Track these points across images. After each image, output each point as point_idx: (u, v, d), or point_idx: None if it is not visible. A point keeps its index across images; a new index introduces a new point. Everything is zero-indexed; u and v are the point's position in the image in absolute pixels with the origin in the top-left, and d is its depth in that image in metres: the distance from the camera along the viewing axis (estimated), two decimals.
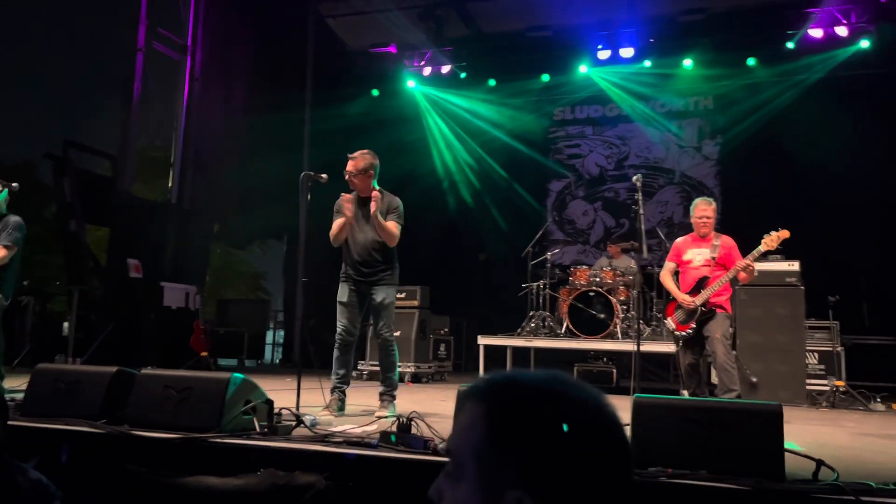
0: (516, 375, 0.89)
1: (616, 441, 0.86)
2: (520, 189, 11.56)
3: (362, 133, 11.80)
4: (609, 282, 8.25)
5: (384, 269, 4.95)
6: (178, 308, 10.04)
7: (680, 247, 5.61)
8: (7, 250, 5.45)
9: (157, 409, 3.55)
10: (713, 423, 2.85)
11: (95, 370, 3.93)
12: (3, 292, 5.46)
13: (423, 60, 11.94)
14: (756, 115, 10.43)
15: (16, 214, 5.65)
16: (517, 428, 0.83)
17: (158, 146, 12.22)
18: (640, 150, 11.35)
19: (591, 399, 0.87)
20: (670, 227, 10.76)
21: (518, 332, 8.50)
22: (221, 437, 3.36)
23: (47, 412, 3.72)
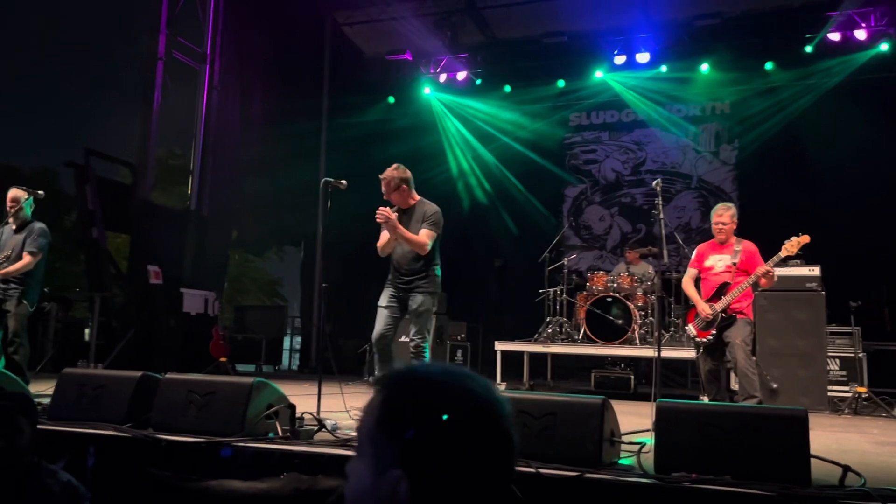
0: (416, 367, 0.98)
1: (495, 434, 0.94)
2: (536, 195, 11.55)
3: (379, 140, 11.88)
4: (627, 287, 8.22)
5: (421, 277, 4.99)
6: (197, 314, 10.12)
7: (702, 253, 5.59)
8: (32, 257, 5.54)
9: (181, 414, 3.59)
10: (737, 429, 2.84)
11: (120, 375, 3.97)
12: (28, 299, 5.55)
13: (438, 67, 11.98)
14: (774, 119, 10.36)
15: (40, 222, 5.74)
16: (401, 413, 0.92)
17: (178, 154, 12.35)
18: (657, 155, 11.31)
19: (478, 393, 0.95)
20: (688, 232, 10.71)
21: (535, 338, 8.48)
22: (245, 440, 3.39)
23: (73, 416, 3.77)
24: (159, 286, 9.69)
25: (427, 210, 5.05)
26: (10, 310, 5.46)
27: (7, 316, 5.47)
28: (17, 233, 5.66)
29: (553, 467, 2.89)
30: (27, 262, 5.52)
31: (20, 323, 5.47)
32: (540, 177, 11.57)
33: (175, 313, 9.78)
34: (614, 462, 3.16)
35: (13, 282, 5.53)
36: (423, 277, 4.98)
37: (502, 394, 0.97)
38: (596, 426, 3.01)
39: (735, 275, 5.30)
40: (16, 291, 5.50)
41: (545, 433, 3.05)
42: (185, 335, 9.76)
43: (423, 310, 4.93)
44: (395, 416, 0.93)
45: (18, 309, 5.47)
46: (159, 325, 9.54)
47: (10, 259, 5.47)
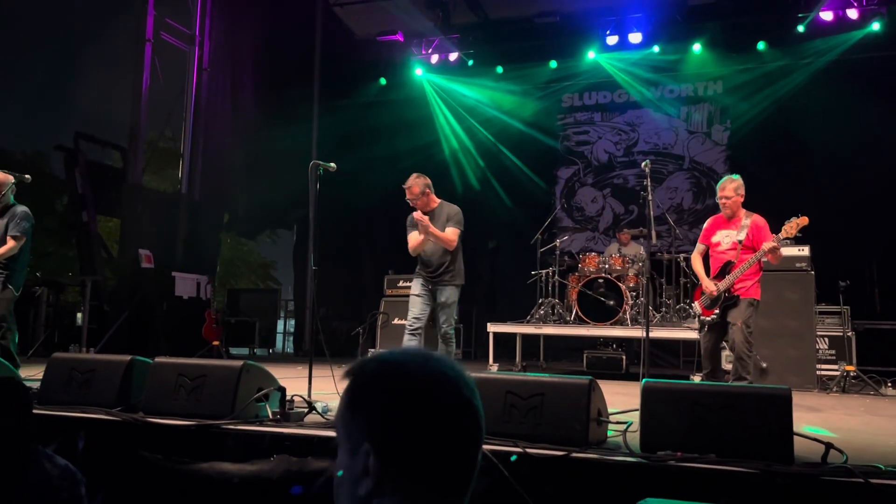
0: (381, 354, 1.05)
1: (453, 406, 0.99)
2: (528, 176, 11.53)
3: (370, 121, 11.84)
4: (618, 268, 8.24)
5: (448, 271, 5.61)
6: (189, 298, 10.11)
7: (709, 227, 5.49)
8: (16, 241, 5.50)
9: (172, 397, 3.61)
10: (722, 408, 2.87)
11: (110, 359, 3.98)
12: (13, 284, 5.52)
13: (430, 48, 11.90)
14: (766, 99, 10.34)
15: (23, 205, 5.70)
16: (365, 394, 1.00)
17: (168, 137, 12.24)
18: (650, 136, 11.30)
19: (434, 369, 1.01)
20: (680, 213, 10.73)
21: (527, 320, 8.52)
22: (235, 423, 3.41)
23: (63, 400, 3.78)
24: (151, 270, 9.67)
25: (451, 211, 5.72)
26: None
27: None
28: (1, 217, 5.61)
29: (540, 447, 2.92)
30: (11, 247, 5.48)
31: (5, 307, 5.44)
32: (532, 158, 11.55)
33: (167, 297, 9.78)
34: (601, 441, 3.19)
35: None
36: (450, 271, 5.64)
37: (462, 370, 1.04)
38: (583, 406, 3.04)
39: (741, 252, 5.19)
40: (0, 276, 5.48)
41: (533, 413, 3.07)
42: (178, 319, 9.76)
43: (451, 301, 5.61)
44: (357, 396, 1.01)
45: (3, 294, 5.44)
46: (151, 309, 9.54)
47: None
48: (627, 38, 10.70)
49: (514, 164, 11.57)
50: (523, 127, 11.65)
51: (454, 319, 5.69)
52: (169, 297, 9.79)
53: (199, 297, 10.15)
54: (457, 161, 12.00)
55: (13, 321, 5.56)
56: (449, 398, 1.00)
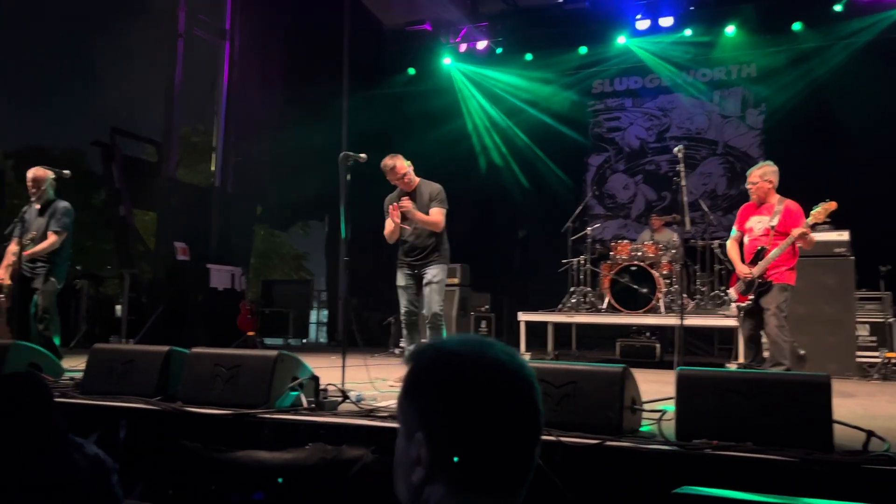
0: (438, 341, 1.05)
1: (511, 398, 0.97)
2: (559, 164, 11.44)
3: (399, 111, 11.83)
4: (651, 256, 8.15)
5: (433, 251, 5.33)
6: (224, 289, 10.26)
7: (743, 214, 5.50)
8: (57, 236, 5.64)
9: (209, 387, 3.66)
10: (758, 395, 2.83)
11: (149, 350, 4.06)
12: (56, 276, 5.67)
13: (458, 37, 11.85)
14: (802, 81, 10.09)
15: (64, 200, 5.83)
16: (419, 381, 1.00)
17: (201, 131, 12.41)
18: (682, 121, 11.13)
19: (494, 359, 0.99)
20: (714, 199, 10.56)
21: (559, 308, 8.48)
22: (270, 412, 3.46)
23: (105, 390, 3.87)
24: (187, 262, 9.83)
25: (433, 190, 5.38)
26: (39, 287, 5.57)
27: (36, 293, 5.58)
28: (41, 213, 5.74)
29: (574, 435, 2.91)
30: (52, 242, 5.62)
31: (49, 300, 5.60)
32: (563, 146, 11.45)
33: (202, 289, 9.93)
34: (635, 430, 3.17)
35: (40, 260, 5.64)
36: (435, 251, 5.33)
37: (521, 361, 1.01)
38: (616, 394, 3.02)
39: (774, 237, 5.17)
40: (43, 269, 5.62)
41: (566, 402, 3.06)
42: (213, 310, 9.91)
43: (437, 280, 5.28)
44: (413, 384, 1.02)
45: (46, 286, 5.59)
46: (187, 301, 9.70)
47: (36, 239, 5.57)
48: (658, 22, 10.53)
49: (545, 152, 11.48)
50: (553, 114, 11.55)
51: (442, 301, 5.34)
52: (204, 288, 9.94)
53: (233, 288, 10.29)
54: (486, 149, 11.96)
55: (56, 313, 5.71)
56: (502, 389, 0.97)
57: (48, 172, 5.82)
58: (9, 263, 5.59)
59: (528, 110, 11.67)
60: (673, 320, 7.44)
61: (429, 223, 5.25)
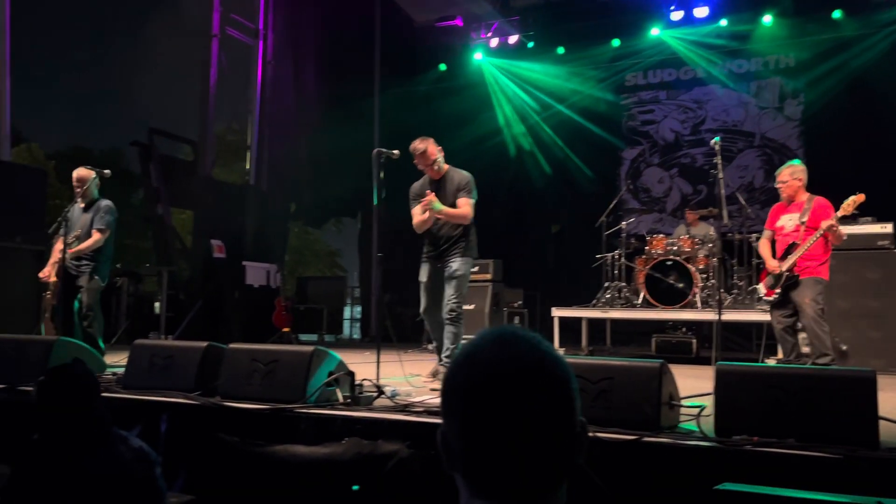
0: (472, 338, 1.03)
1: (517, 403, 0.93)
2: (592, 158, 11.35)
3: (431, 107, 11.84)
4: (687, 250, 8.04)
5: (458, 243, 5.05)
6: (259, 286, 10.39)
7: (773, 213, 5.58)
8: (101, 234, 5.78)
9: (246, 382, 3.72)
10: (801, 391, 2.77)
11: (188, 345, 4.13)
12: (99, 274, 5.81)
13: (489, 32, 11.82)
14: (843, 71, 9.85)
15: (107, 199, 5.97)
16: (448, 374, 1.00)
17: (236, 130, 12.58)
18: (718, 113, 10.95)
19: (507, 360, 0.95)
20: (751, 192, 10.38)
21: (593, 304, 8.41)
22: (307, 407, 3.49)
23: (146, 385, 3.95)
24: (223, 260, 9.97)
25: (461, 179, 5.08)
26: (83, 285, 5.71)
27: (80, 291, 5.72)
28: (85, 211, 5.88)
29: (611, 431, 2.88)
30: (97, 239, 5.76)
31: (92, 297, 5.73)
32: (596, 139, 11.36)
33: (238, 285, 10.07)
34: (673, 426, 3.13)
35: (85, 258, 5.78)
36: (461, 243, 5.04)
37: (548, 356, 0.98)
38: (654, 390, 2.99)
39: (805, 233, 5.22)
40: (87, 267, 5.76)
41: (602, 398, 3.04)
42: (249, 307, 10.04)
43: (461, 273, 4.98)
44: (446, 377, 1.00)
45: (90, 284, 5.72)
46: (224, 298, 9.85)
47: (81, 238, 5.72)
48: (693, 13, 10.38)
49: (578, 146, 11.40)
50: (585, 107, 11.46)
51: (464, 295, 5.01)
52: (240, 285, 10.08)
53: (268, 285, 10.42)
54: (518, 144, 11.91)
55: (99, 310, 5.85)
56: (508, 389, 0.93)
57: (91, 172, 5.96)
58: (55, 261, 5.75)
59: (561, 104, 11.59)
60: (710, 315, 7.34)
61: (457, 217, 4.96)
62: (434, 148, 5.10)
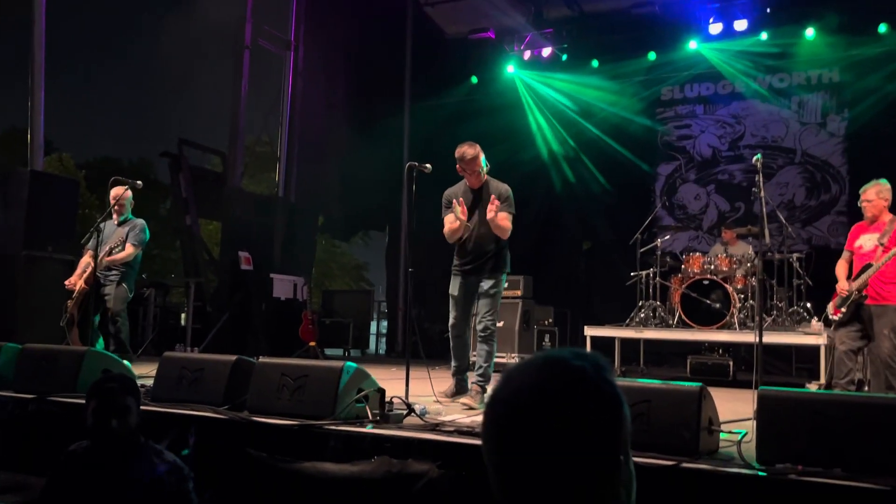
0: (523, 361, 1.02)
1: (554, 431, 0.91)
2: (626, 173, 11.28)
3: (462, 121, 11.87)
4: (724, 269, 7.95)
5: (495, 259, 5.03)
6: (286, 299, 10.48)
7: (854, 233, 5.52)
8: (134, 248, 6.13)
9: (275, 397, 3.74)
10: (848, 419, 2.71)
11: (217, 359, 4.18)
12: (127, 283, 6.14)
13: (522, 44, 11.85)
14: (889, 85, 9.69)
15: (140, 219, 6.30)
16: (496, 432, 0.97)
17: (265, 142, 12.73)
18: (757, 128, 10.84)
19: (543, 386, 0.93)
20: (791, 210, 10.24)
21: (627, 323, 8.34)
22: (336, 423, 3.50)
23: (175, 398, 4.00)
24: (250, 272, 10.09)
25: (502, 190, 5.04)
26: (110, 293, 6.06)
27: (107, 298, 6.06)
28: (119, 226, 6.26)
29: (648, 456, 2.85)
30: (130, 252, 6.09)
31: (120, 304, 6.09)
32: (630, 154, 11.30)
33: (266, 298, 10.18)
34: (713, 452, 3.09)
35: (114, 269, 6.15)
36: (495, 258, 5.02)
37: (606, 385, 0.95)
38: (693, 414, 2.95)
39: (882, 254, 5.13)
40: (116, 276, 6.15)
41: (639, 421, 3.00)
42: (276, 319, 10.14)
43: (495, 291, 4.98)
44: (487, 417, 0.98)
45: (118, 291, 6.09)
46: (251, 310, 9.95)
47: (114, 250, 5.98)
48: (732, 26, 10.30)
49: (611, 161, 11.35)
50: (620, 122, 11.42)
51: (498, 314, 5.02)
52: (267, 298, 10.18)
53: (295, 298, 10.50)
54: (552, 158, 11.89)
55: (126, 318, 6.18)
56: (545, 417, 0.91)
57: (129, 192, 6.25)
58: (81, 271, 6.00)
59: (595, 118, 11.56)
60: (748, 337, 7.22)
61: (501, 228, 4.90)
62: (481, 155, 5.06)
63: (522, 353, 8.55)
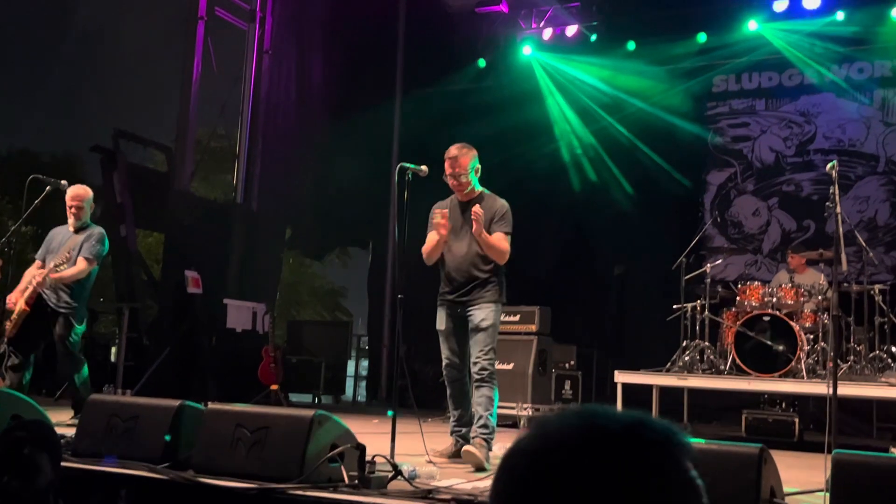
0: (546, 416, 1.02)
1: None
2: (668, 182, 11.33)
3: (466, 115, 11.93)
4: (790, 303, 7.97)
5: (486, 286, 5.09)
6: (243, 331, 10.46)
7: None
8: (87, 263, 6.07)
9: (228, 453, 3.72)
10: None
11: (156, 404, 4.17)
12: (78, 318, 6.16)
13: (542, 21, 11.95)
14: None
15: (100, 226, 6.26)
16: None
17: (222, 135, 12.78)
18: (831, 129, 10.92)
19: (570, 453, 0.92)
20: (872, 230, 10.29)
21: (667, 368, 8.34)
22: (304, 488, 3.48)
23: (102, 452, 3.97)
24: (199, 296, 10.07)
25: (498, 207, 5.14)
26: (58, 331, 6.04)
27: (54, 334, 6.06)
28: (76, 233, 6.22)
29: None
30: (81, 269, 6.05)
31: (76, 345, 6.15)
32: (673, 158, 11.36)
33: (217, 329, 10.15)
34: None
35: (64, 292, 6.06)
36: (487, 284, 5.08)
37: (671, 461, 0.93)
38: (751, 482, 2.96)
39: None
40: (66, 307, 6.06)
41: None
42: (230, 356, 10.10)
43: (489, 324, 5.02)
44: None
45: (71, 333, 6.09)
46: (199, 344, 9.92)
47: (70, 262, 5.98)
48: (801, 3, 10.42)
49: (650, 167, 11.41)
50: (661, 118, 11.49)
51: (495, 351, 5.08)
52: (219, 329, 10.16)
53: (254, 330, 10.49)
54: (575, 160, 11.95)
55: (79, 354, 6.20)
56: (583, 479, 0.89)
57: (89, 191, 6.27)
58: (24, 287, 6.00)
59: (630, 112, 11.63)
60: (818, 388, 7.22)
61: (494, 248, 4.97)
62: (468, 158, 5.12)
63: (538, 404, 8.53)
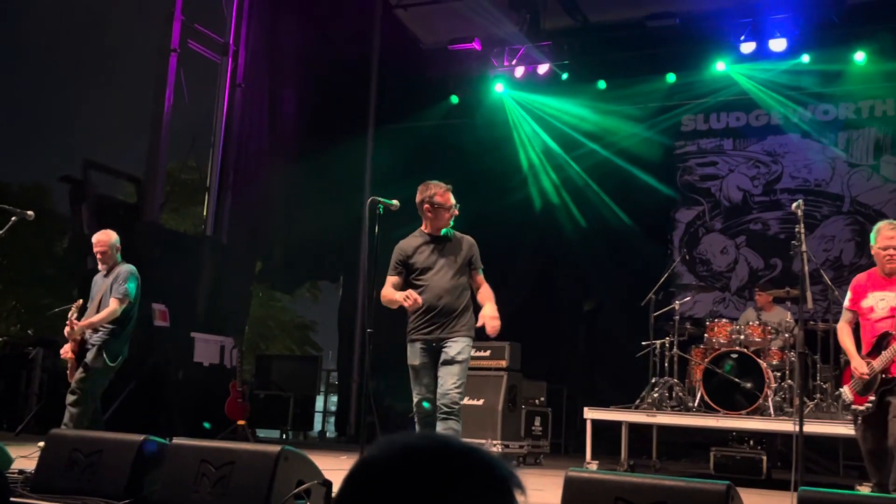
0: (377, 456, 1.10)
1: None
2: (637, 220, 11.43)
3: (438, 150, 12.02)
4: (757, 340, 8.04)
5: (460, 318, 5.14)
6: (210, 365, 10.35)
7: (858, 289, 5.39)
8: (118, 303, 6.00)
9: (192, 489, 3.68)
10: None
11: (119, 438, 4.12)
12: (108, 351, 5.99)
13: (514, 59, 12.07)
14: None
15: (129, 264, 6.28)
16: None
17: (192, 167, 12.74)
18: (797, 169, 11.09)
19: None
20: (838, 269, 10.42)
21: (636, 405, 8.36)
22: None
23: (63, 489, 3.91)
24: (166, 329, 9.97)
25: (470, 245, 5.29)
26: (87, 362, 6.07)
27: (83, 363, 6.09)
28: (107, 277, 6.26)
29: None
30: (112, 311, 6.04)
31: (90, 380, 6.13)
32: (643, 196, 11.48)
33: (184, 364, 10.03)
34: None
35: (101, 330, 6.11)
36: (461, 318, 5.15)
37: None
38: None
39: None
40: (98, 340, 6.08)
41: None
42: (196, 391, 9.98)
43: (464, 357, 5.07)
44: None
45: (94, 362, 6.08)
46: (164, 379, 9.80)
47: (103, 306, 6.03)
48: (768, 45, 10.60)
49: (620, 205, 11.51)
50: (631, 156, 11.61)
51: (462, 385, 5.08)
52: (186, 363, 10.05)
53: (222, 364, 10.38)
54: (545, 199, 12.02)
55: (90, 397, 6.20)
56: None
57: (112, 234, 6.26)
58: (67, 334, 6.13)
59: (600, 152, 11.74)
60: (785, 426, 7.27)
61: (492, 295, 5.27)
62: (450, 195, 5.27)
63: (507, 440, 8.50)
